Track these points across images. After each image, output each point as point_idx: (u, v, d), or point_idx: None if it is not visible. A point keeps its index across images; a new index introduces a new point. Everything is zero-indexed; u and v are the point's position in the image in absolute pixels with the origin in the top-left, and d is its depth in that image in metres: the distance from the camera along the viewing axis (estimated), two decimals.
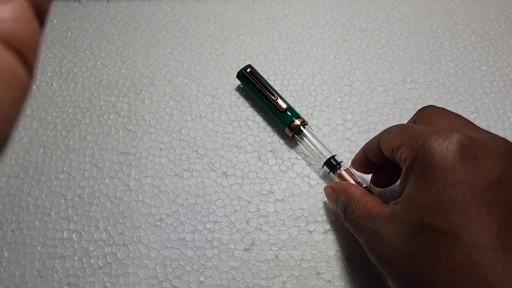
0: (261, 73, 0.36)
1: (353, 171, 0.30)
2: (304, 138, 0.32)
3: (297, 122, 0.32)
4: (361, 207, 0.24)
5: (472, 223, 0.19)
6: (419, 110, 0.26)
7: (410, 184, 0.21)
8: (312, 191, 0.31)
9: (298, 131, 0.32)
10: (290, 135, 0.32)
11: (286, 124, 0.32)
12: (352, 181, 0.29)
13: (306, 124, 0.32)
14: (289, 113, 0.32)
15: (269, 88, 0.33)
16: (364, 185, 0.29)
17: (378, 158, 0.26)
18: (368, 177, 0.31)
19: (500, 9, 0.40)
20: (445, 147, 0.20)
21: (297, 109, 0.35)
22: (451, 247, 0.19)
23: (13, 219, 0.31)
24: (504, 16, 0.40)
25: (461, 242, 0.19)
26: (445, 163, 0.20)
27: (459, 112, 0.34)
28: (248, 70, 0.34)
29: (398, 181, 0.23)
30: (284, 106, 0.32)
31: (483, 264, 0.18)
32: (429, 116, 0.24)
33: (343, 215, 0.26)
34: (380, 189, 0.29)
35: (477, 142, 0.20)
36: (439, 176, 0.20)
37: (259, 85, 0.34)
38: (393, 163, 0.24)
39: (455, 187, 0.19)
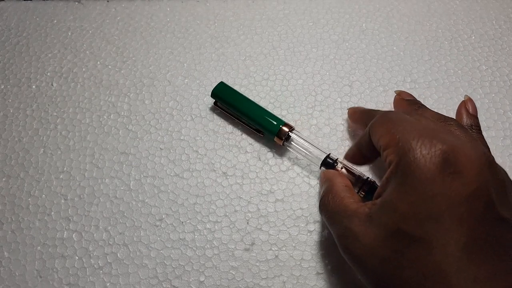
0: (261, 73, 0.36)
1: (350, 166, 0.30)
2: (296, 144, 0.31)
3: (285, 129, 0.31)
4: (337, 201, 0.25)
5: (445, 233, 0.20)
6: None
7: (391, 188, 0.21)
8: (312, 191, 0.31)
9: (287, 138, 0.31)
10: (281, 144, 0.32)
11: (274, 134, 0.31)
12: (353, 177, 0.29)
13: (293, 129, 0.32)
14: (274, 122, 0.32)
15: (241, 117, 0.33)
16: (366, 177, 0.29)
17: (371, 151, 0.26)
18: (369, 174, 0.31)
19: (500, 9, 0.40)
20: (428, 159, 0.20)
21: (297, 109, 0.35)
22: (423, 254, 0.20)
23: (13, 219, 0.31)
24: (504, 16, 0.40)
25: (432, 250, 0.20)
26: (426, 175, 0.20)
27: None
28: (218, 103, 0.34)
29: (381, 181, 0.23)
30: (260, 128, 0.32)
31: (449, 272, 0.19)
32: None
33: (319, 204, 0.26)
34: None
35: (458, 153, 0.21)
36: (419, 187, 0.20)
37: (231, 114, 0.34)
38: None
39: (433, 199, 0.20)
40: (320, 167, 0.30)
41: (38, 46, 0.40)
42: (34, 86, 0.37)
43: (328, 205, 0.25)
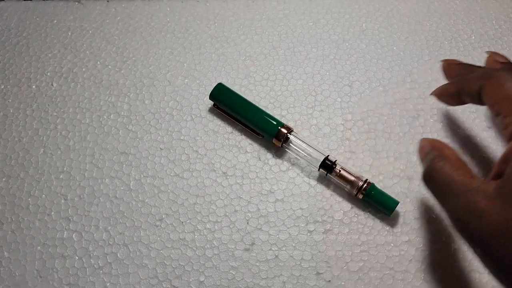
0: (261, 73, 0.36)
1: (349, 166, 0.30)
2: (294, 145, 0.31)
3: (284, 131, 0.31)
4: (454, 171, 0.22)
5: None
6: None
7: None
8: (312, 191, 0.31)
9: (286, 139, 0.31)
10: (279, 145, 0.32)
11: (273, 136, 0.31)
12: (352, 178, 0.29)
13: (292, 130, 0.32)
14: (273, 123, 0.32)
15: (239, 119, 0.33)
16: (365, 179, 0.29)
17: (473, 100, 0.25)
18: (369, 174, 0.31)
19: (500, 9, 0.40)
20: None
21: (297, 109, 0.35)
22: None
23: (13, 219, 0.31)
24: (504, 16, 0.40)
25: None
26: None
27: (458, 112, 0.34)
28: (216, 105, 0.34)
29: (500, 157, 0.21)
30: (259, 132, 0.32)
31: None
32: None
33: (427, 171, 0.24)
34: None
35: None
36: None
37: (230, 115, 0.34)
38: None
39: None
40: (319, 169, 0.30)
41: (38, 46, 0.40)
42: (34, 86, 0.37)
43: (441, 174, 0.23)
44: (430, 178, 0.24)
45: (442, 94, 0.28)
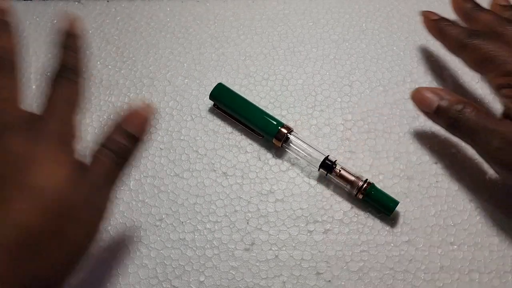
0: (261, 73, 0.36)
1: (349, 166, 0.30)
2: (294, 145, 0.31)
3: (284, 131, 0.31)
4: (483, 113, 0.26)
5: None
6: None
7: None
8: (312, 191, 0.31)
9: (286, 139, 0.31)
10: (279, 145, 0.32)
11: (273, 136, 0.31)
12: (352, 178, 0.29)
13: (292, 130, 0.32)
14: (273, 123, 0.32)
15: (239, 119, 0.33)
16: (365, 179, 0.29)
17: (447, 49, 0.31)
18: (369, 174, 0.31)
19: None
20: None
21: (297, 109, 0.35)
22: None
23: None
24: None
25: None
26: None
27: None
28: (217, 105, 0.34)
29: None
30: (259, 132, 0.32)
31: None
32: None
33: (456, 119, 0.27)
34: None
35: None
36: None
37: (230, 115, 0.34)
38: None
39: None
40: (319, 169, 0.30)
41: (38, 46, 0.40)
42: (34, 86, 0.37)
43: (470, 119, 0.26)
44: (459, 125, 0.27)
45: (429, 25, 0.33)
